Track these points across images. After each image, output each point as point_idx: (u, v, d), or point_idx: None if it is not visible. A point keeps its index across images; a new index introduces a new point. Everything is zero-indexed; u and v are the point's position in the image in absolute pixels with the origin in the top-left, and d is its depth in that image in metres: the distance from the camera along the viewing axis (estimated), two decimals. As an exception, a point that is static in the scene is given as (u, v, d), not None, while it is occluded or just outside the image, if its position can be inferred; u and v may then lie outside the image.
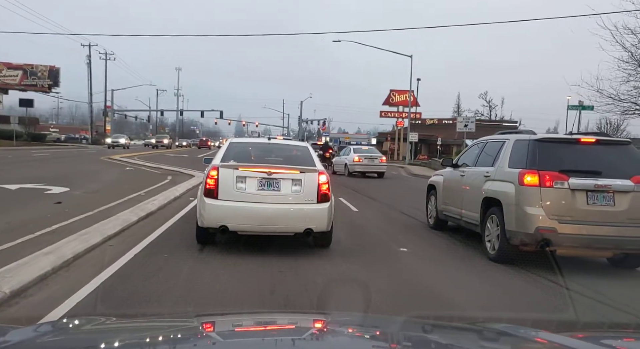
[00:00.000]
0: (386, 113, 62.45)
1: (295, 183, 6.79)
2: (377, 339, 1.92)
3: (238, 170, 6.78)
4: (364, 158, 24.82)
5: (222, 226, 6.68)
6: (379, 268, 6.56)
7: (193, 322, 2.13)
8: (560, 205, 6.61)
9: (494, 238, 7.21)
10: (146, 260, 6.33)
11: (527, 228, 6.61)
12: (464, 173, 8.74)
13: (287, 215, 6.77)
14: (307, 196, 6.79)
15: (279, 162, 7.38)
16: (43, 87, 64.23)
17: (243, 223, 6.72)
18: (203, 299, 4.97)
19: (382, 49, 42.58)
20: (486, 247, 7.44)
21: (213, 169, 6.87)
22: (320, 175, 6.92)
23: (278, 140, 9.30)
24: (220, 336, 1.86)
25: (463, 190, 8.59)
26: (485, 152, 8.41)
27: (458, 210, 8.74)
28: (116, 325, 2.07)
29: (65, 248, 6.20)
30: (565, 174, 6.63)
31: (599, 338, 2.07)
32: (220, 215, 6.68)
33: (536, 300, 5.65)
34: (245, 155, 7.65)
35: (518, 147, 7.33)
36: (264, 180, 6.75)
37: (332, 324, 2.12)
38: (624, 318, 5.20)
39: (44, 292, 4.93)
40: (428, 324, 2.22)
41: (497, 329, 2.04)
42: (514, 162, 7.21)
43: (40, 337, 1.75)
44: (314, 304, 4.81)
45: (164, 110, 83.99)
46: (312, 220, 6.79)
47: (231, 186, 6.70)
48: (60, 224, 8.17)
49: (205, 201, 6.75)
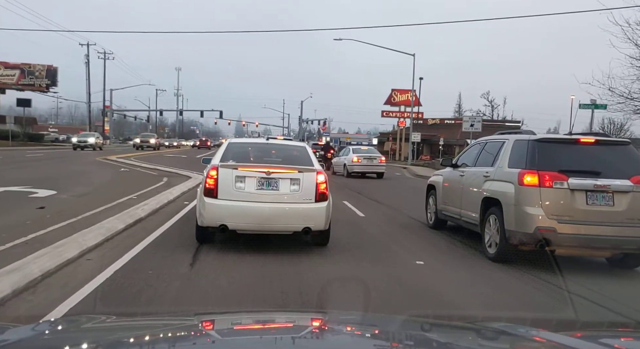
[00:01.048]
0: (387, 113, 61.49)
1: (294, 183, 6.91)
2: (376, 337, 1.93)
3: (237, 170, 6.88)
4: (363, 158, 24.35)
5: (221, 225, 6.78)
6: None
7: (193, 321, 2.14)
8: (559, 205, 6.65)
9: (494, 238, 7.26)
10: (127, 278, 5.50)
11: (527, 228, 6.66)
12: (464, 173, 8.76)
13: (286, 214, 6.88)
14: (306, 196, 6.90)
15: (277, 161, 7.48)
16: (41, 87, 63.84)
17: (242, 222, 6.81)
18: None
19: (384, 48, 41.82)
20: (486, 247, 7.49)
21: (212, 169, 6.94)
22: (319, 175, 7.03)
23: (278, 140, 9.42)
24: (219, 335, 1.86)
25: (462, 190, 8.62)
26: (485, 152, 8.42)
27: (457, 210, 8.77)
28: (116, 323, 2.07)
29: (33, 265, 5.37)
30: (564, 174, 6.68)
31: (597, 337, 2.09)
32: (220, 214, 6.79)
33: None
34: (244, 155, 7.70)
35: (518, 147, 7.35)
36: (263, 180, 6.86)
37: (331, 322, 2.12)
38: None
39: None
40: (427, 323, 2.25)
41: (496, 328, 2.03)
42: (514, 162, 7.24)
43: (40, 335, 1.76)
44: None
45: (163, 110, 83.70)
46: (311, 219, 6.91)
47: (230, 186, 6.81)
48: (37, 233, 7.37)
49: (205, 200, 6.84)
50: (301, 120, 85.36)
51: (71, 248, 6.31)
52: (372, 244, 8.19)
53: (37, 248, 6.19)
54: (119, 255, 6.49)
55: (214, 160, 7.40)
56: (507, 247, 6.95)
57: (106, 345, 1.66)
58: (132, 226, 8.50)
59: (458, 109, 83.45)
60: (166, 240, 7.66)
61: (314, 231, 6.99)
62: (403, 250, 7.90)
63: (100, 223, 8.09)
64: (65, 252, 6.07)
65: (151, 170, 22.85)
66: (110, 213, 9.44)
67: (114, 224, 8.09)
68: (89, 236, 7.06)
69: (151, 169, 23.21)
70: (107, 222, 8.26)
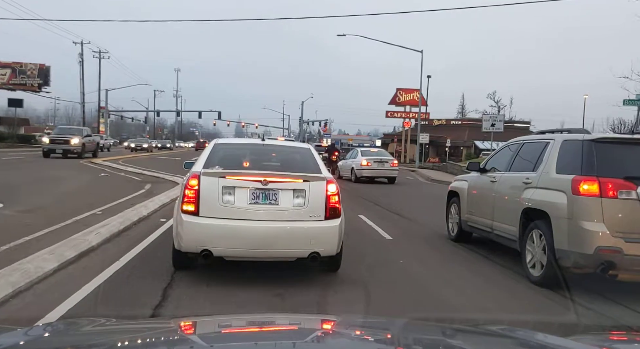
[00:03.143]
0: (392, 113, 58.96)
1: (298, 195, 5.64)
2: (379, 341, 1.89)
3: (225, 179, 5.56)
4: (373, 161, 22.15)
5: (204, 251, 5.44)
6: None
7: (192, 324, 2.09)
8: (627, 220, 5.71)
9: (538, 258, 6.26)
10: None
11: (584, 248, 5.70)
12: (496, 179, 7.76)
13: (288, 236, 5.58)
14: (313, 212, 5.63)
15: (276, 167, 6.21)
16: (32, 86, 62.80)
17: (230, 246, 5.51)
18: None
19: (390, 43, 39.51)
20: (527, 268, 6.48)
21: (193, 178, 5.59)
22: (329, 185, 5.74)
23: (278, 141, 8.06)
24: (219, 339, 1.82)
25: (495, 199, 7.65)
26: (521, 155, 7.50)
27: (487, 222, 7.74)
28: (114, 327, 2.02)
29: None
30: (632, 182, 5.71)
31: (600, 341, 2.13)
32: (202, 236, 5.47)
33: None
34: (234, 160, 6.42)
35: (568, 149, 6.41)
36: (258, 191, 5.58)
37: (331, 325, 2.10)
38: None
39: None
40: (429, 326, 2.30)
41: (500, 332, 2.02)
42: (563, 166, 6.33)
43: (38, 338, 1.75)
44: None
45: (161, 110, 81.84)
46: (319, 242, 5.61)
47: (216, 200, 5.51)
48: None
49: (182, 218, 5.50)
50: (302, 121, 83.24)
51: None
52: (419, 293, 5.65)
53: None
54: (29, 321, 3.93)
55: (195, 165, 6.06)
56: (557, 270, 5.91)
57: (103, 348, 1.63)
58: (72, 263, 5.97)
59: (461, 110, 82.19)
60: (114, 292, 5.13)
61: (323, 257, 5.64)
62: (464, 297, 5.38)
63: (22, 260, 5.58)
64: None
65: (136, 175, 20.32)
66: (53, 239, 6.94)
67: (41, 263, 5.56)
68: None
69: (136, 174, 20.70)
70: (36, 257, 5.76)
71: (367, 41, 41.30)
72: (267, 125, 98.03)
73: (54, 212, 9.62)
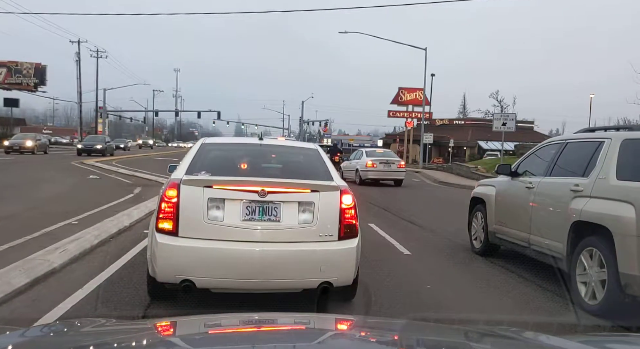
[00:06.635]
0: (394, 112, 57.88)
1: (304, 209, 4.61)
2: (379, 342, 1.85)
3: (212, 189, 4.53)
4: (379, 162, 21.19)
5: (184, 281, 4.37)
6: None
7: (194, 323, 2.05)
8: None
9: (595, 282, 5.34)
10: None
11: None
12: (532, 184, 6.77)
13: (292, 262, 4.53)
14: (323, 230, 4.62)
15: (277, 174, 5.20)
16: (28, 86, 62.33)
17: (218, 276, 4.44)
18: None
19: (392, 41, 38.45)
20: (579, 293, 5.53)
21: (171, 187, 4.52)
22: (344, 195, 4.72)
23: (278, 141, 6.67)
24: (221, 338, 1.80)
25: (532, 208, 6.69)
26: (565, 157, 6.57)
27: (523, 235, 6.76)
28: (115, 327, 1.99)
29: None
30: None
31: (601, 342, 2.06)
32: (182, 262, 4.42)
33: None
34: (224, 164, 5.36)
35: (632, 150, 5.53)
36: (254, 205, 4.54)
37: (331, 325, 2.06)
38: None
39: None
40: (429, 327, 2.24)
41: (501, 334, 1.97)
42: (627, 171, 5.40)
43: (38, 338, 1.74)
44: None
45: (159, 110, 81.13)
46: (332, 269, 4.55)
47: (200, 215, 4.47)
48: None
49: (157, 239, 4.44)
50: (302, 121, 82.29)
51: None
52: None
53: None
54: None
55: (176, 172, 4.93)
56: (621, 297, 5.00)
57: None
58: (22, 293, 4.78)
59: (463, 110, 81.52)
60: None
61: (336, 287, 4.58)
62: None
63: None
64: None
65: (127, 177, 19.20)
66: (10, 257, 5.77)
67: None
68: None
69: (128, 176, 19.59)
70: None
71: (367, 41, 40.49)
72: (267, 126, 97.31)
73: (24, 222, 8.49)
